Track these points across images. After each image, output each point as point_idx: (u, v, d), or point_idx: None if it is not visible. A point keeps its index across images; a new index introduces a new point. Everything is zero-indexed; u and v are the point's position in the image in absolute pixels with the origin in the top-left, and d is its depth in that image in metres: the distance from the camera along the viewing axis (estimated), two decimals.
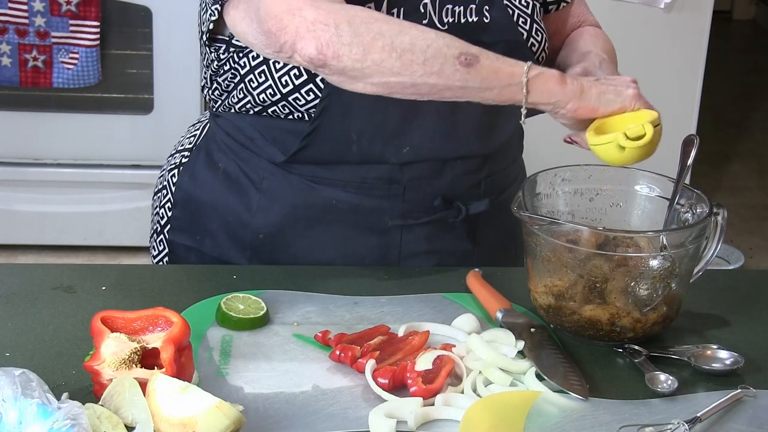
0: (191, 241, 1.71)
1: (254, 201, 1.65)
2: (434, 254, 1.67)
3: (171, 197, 1.73)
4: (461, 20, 1.59)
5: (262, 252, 1.66)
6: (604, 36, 1.75)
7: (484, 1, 1.60)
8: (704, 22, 3.49)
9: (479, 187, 1.67)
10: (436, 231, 1.66)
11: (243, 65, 1.59)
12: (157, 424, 1.19)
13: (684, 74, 3.53)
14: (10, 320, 1.45)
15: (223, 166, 1.68)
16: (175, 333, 1.28)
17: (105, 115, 3.44)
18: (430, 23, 1.57)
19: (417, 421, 1.27)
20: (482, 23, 1.60)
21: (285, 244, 1.65)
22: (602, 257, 1.42)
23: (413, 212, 1.64)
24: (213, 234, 1.69)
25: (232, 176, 1.67)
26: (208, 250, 1.69)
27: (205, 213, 1.69)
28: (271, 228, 1.64)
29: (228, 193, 1.67)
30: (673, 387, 1.35)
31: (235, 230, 1.67)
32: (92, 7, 3.25)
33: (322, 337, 1.43)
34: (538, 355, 1.40)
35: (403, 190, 1.62)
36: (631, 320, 1.42)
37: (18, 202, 3.49)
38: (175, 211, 1.73)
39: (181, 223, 1.72)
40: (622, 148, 1.42)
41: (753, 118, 5.29)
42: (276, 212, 1.64)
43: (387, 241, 1.65)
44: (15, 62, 3.28)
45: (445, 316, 1.49)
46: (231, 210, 1.67)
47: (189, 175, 1.72)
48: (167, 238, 1.74)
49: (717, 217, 1.46)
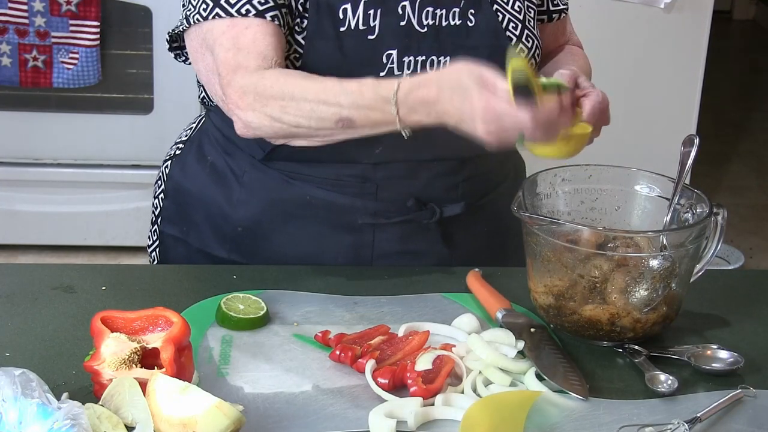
0: (179, 232, 1.73)
1: (235, 194, 1.66)
2: (407, 255, 1.66)
3: (164, 187, 1.75)
4: (443, 23, 1.59)
5: (241, 245, 1.67)
6: (585, 56, 1.77)
7: (469, 5, 1.60)
8: (704, 22, 3.49)
9: (456, 190, 1.66)
10: (410, 232, 1.65)
11: None
12: (157, 424, 1.19)
13: (684, 74, 3.53)
14: (10, 320, 1.45)
15: (212, 159, 1.70)
16: (175, 333, 1.28)
17: (105, 115, 3.43)
18: (409, 26, 1.57)
19: (417, 421, 1.27)
20: (465, 26, 1.59)
21: (263, 238, 1.66)
22: (602, 257, 1.42)
23: (386, 212, 1.64)
24: (198, 226, 1.70)
25: (218, 169, 1.68)
26: (193, 242, 1.71)
27: (192, 204, 1.71)
28: (250, 221, 1.66)
29: (213, 185, 1.68)
30: (673, 387, 1.35)
31: (217, 222, 1.68)
32: (92, 7, 3.25)
33: (322, 337, 1.43)
34: (538, 355, 1.40)
35: (376, 189, 1.62)
36: (631, 320, 1.42)
37: (18, 202, 3.48)
38: (166, 202, 1.75)
39: (170, 214, 1.74)
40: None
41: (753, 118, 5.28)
42: (254, 206, 1.65)
43: (360, 239, 1.65)
44: (15, 62, 3.28)
45: (445, 316, 1.49)
46: (214, 202, 1.68)
47: (180, 167, 1.74)
48: (159, 228, 1.76)
49: (717, 217, 1.46)
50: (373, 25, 1.56)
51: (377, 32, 1.56)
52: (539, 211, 1.49)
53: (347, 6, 1.55)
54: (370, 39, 1.56)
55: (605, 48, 3.21)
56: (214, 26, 1.54)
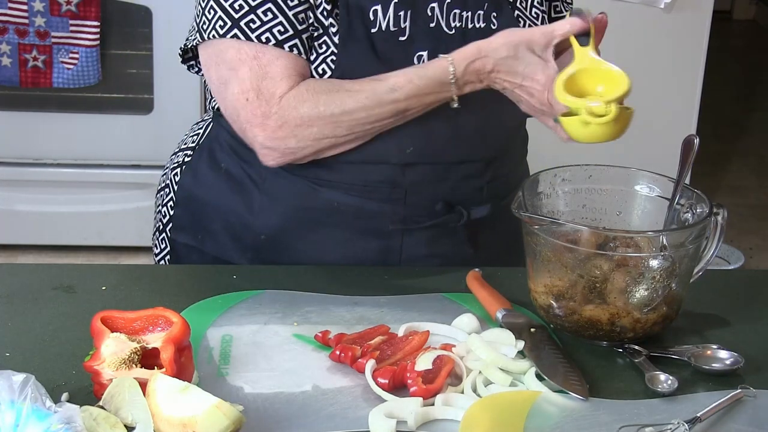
0: (193, 240, 1.71)
1: (256, 202, 1.65)
2: (435, 258, 1.67)
3: (173, 196, 1.74)
4: (469, 25, 1.60)
5: (264, 253, 1.66)
6: None
7: (491, 8, 1.61)
8: (704, 22, 3.49)
9: (481, 192, 1.67)
10: (438, 235, 1.66)
11: None
12: (157, 424, 1.19)
13: (684, 74, 3.53)
14: (10, 320, 1.45)
15: (226, 166, 1.68)
16: (175, 333, 1.28)
17: (105, 115, 3.43)
18: (438, 27, 1.58)
19: (417, 421, 1.27)
20: (489, 29, 1.60)
21: (286, 246, 1.65)
22: (602, 257, 1.42)
23: (415, 216, 1.64)
24: (214, 233, 1.69)
25: (234, 176, 1.67)
26: (210, 250, 1.70)
27: (207, 212, 1.70)
28: (273, 229, 1.65)
29: (230, 193, 1.67)
30: (673, 387, 1.35)
31: (236, 230, 1.67)
32: (92, 7, 3.25)
33: (322, 337, 1.43)
34: (538, 355, 1.40)
35: (405, 194, 1.62)
36: (631, 320, 1.42)
37: (18, 202, 3.48)
38: (177, 210, 1.73)
39: (182, 222, 1.72)
40: (587, 123, 1.42)
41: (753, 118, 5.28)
42: (278, 214, 1.64)
43: (388, 244, 1.65)
44: (15, 62, 3.28)
45: (445, 316, 1.49)
46: (233, 210, 1.67)
47: (191, 175, 1.72)
48: (169, 236, 1.74)
49: (717, 217, 1.46)
50: (404, 26, 1.57)
51: (408, 33, 1.57)
52: (539, 211, 1.49)
53: (377, 7, 1.55)
54: (402, 40, 1.57)
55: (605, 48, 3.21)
56: (230, 47, 1.54)
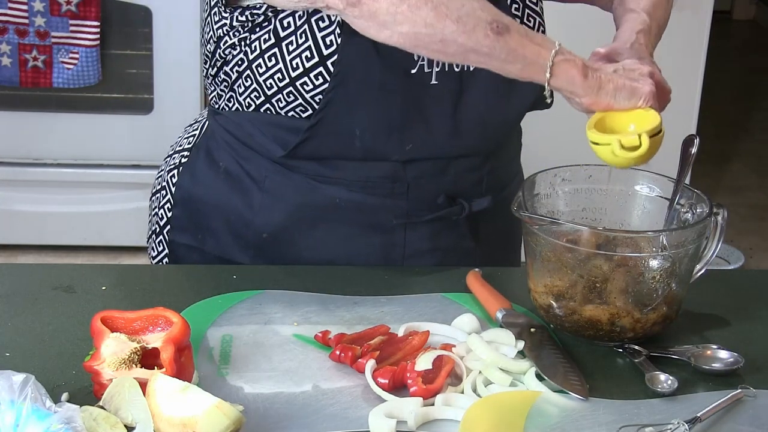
0: (193, 240, 1.71)
1: (257, 200, 1.65)
2: (437, 252, 1.67)
3: (171, 197, 1.73)
4: None
5: (266, 250, 1.66)
6: None
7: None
8: (704, 22, 3.48)
9: (481, 184, 1.67)
10: (439, 229, 1.66)
11: (253, 49, 1.57)
12: (157, 424, 1.19)
13: (684, 74, 3.52)
14: (10, 320, 1.45)
15: (224, 164, 1.68)
16: (175, 333, 1.28)
17: (105, 115, 3.44)
18: None
19: (417, 421, 1.27)
20: None
21: (289, 244, 1.65)
22: (602, 257, 1.42)
23: (417, 210, 1.64)
24: (215, 233, 1.69)
25: (233, 175, 1.67)
26: (211, 249, 1.69)
27: (206, 212, 1.69)
28: (275, 227, 1.64)
29: (230, 191, 1.67)
30: (673, 387, 1.35)
31: (237, 229, 1.67)
32: (92, 7, 3.25)
33: (322, 337, 1.43)
34: (538, 355, 1.40)
35: (407, 188, 1.62)
36: (631, 320, 1.42)
37: (18, 202, 3.49)
38: (176, 211, 1.72)
39: (182, 223, 1.72)
40: (616, 155, 1.42)
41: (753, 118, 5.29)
42: (279, 211, 1.64)
43: (391, 239, 1.65)
44: (15, 62, 3.28)
45: (445, 316, 1.49)
46: (233, 209, 1.67)
47: (189, 175, 1.71)
48: (167, 238, 1.74)
49: (717, 217, 1.46)
50: None
51: None
52: (539, 211, 1.49)
53: None
54: None
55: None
56: None
